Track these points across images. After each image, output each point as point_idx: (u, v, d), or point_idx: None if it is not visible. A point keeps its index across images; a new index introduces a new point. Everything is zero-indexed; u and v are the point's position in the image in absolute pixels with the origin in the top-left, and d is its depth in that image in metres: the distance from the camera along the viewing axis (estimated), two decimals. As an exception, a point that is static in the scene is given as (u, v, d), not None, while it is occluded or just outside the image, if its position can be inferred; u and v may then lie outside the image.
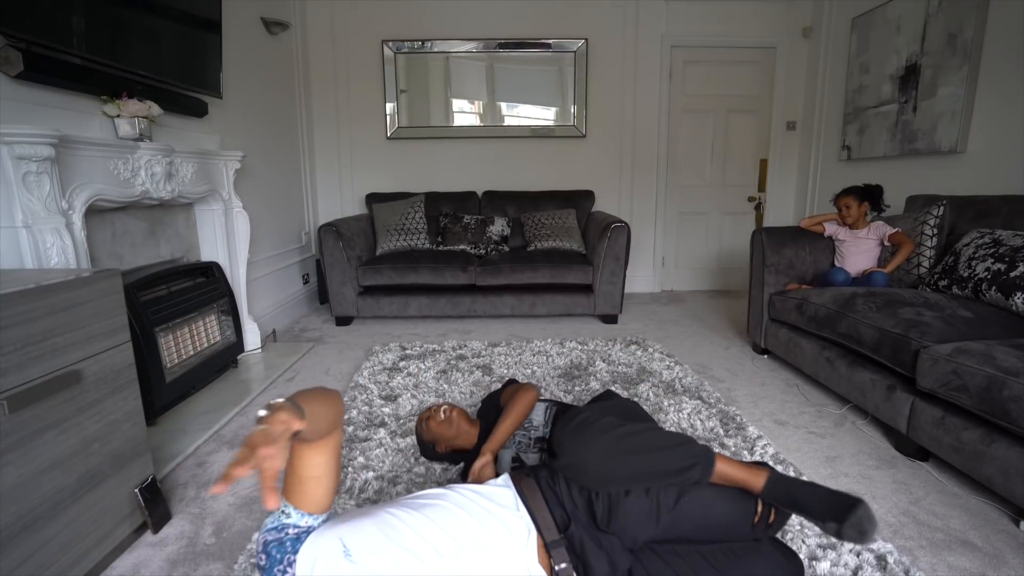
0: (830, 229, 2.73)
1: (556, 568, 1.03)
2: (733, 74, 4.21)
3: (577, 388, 2.35)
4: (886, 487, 1.63)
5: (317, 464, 0.93)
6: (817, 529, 1.37)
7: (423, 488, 1.61)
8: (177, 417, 2.13)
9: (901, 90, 3.17)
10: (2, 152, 1.51)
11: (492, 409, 1.67)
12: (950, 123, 2.83)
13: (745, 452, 1.78)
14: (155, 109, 2.06)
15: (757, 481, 1.10)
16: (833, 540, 1.33)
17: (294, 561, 0.88)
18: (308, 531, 0.92)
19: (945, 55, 2.85)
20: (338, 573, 0.86)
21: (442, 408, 1.63)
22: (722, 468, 1.10)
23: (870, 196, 2.66)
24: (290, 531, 0.92)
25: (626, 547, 1.09)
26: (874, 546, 1.31)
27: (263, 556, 0.91)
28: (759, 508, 1.09)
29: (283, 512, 0.94)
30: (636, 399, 2.19)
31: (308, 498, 0.94)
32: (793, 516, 1.17)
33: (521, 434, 1.58)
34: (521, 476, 1.18)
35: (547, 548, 1.04)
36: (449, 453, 1.67)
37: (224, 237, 2.70)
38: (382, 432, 1.94)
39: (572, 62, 4.11)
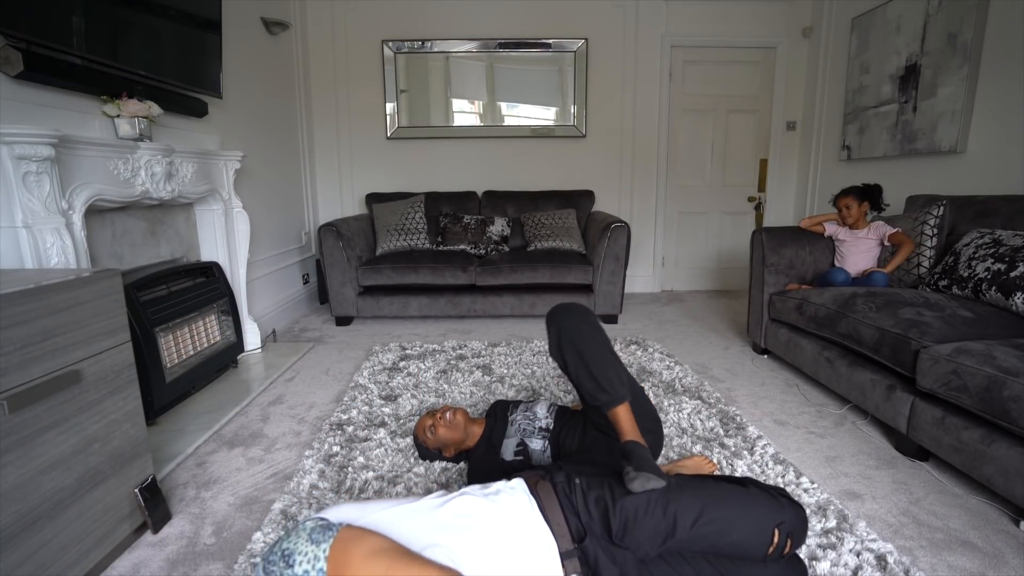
0: (830, 229, 2.73)
1: None
2: (733, 74, 4.21)
3: (577, 388, 2.35)
4: (886, 487, 1.63)
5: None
6: (818, 529, 1.38)
7: (421, 488, 1.61)
8: (177, 417, 2.13)
9: (901, 90, 3.17)
10: (2, 152, 1.51)
11: (499, 411, 1.73)
12: (950, 123, 2.83)
13: (745, 452, 1.78)
14: (155, 109, 2.06)
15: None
16: (833, 540, 1.33)
17: None
18: None
19: (945, 55, 2.85)
20: None
21: (446, 412, 1.63)
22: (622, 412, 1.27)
23: (869, 196, 2.66)
24: None
25: (638, 559, 1.07)
26: (874, 546, 1.31)
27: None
28: (775, 539, 1.07)
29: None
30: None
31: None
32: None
33: (525, 421, 1.62)
34: (537, 479, 1.14)
35: (560, 558, 1.02)
36: (455, 455, 1.68)
37: (224, 237, 2.70)
38: (382, 432, 1.94)
39: (572, 62, 4.11)
